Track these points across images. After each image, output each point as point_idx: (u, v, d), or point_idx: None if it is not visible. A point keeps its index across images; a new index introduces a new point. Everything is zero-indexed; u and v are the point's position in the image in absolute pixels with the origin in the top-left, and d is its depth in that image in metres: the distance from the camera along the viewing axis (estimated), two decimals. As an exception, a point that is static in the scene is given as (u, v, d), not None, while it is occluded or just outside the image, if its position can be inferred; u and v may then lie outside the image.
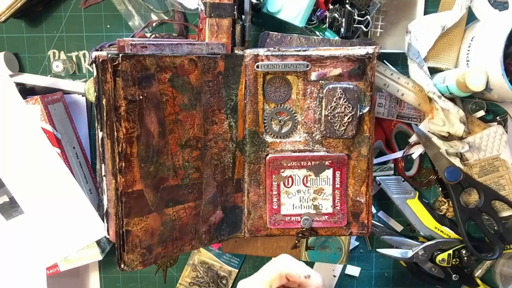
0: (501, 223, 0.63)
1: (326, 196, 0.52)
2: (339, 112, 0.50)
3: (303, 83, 0.50)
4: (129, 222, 0.46)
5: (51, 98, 0.58)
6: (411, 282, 0.69)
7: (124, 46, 0.44)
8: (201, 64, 0.48)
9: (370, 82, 0.50)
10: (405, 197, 0.64)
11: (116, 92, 0.43)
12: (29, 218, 0.56)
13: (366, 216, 0.53)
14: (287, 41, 0.53)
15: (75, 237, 0.56)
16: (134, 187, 0.46)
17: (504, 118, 0.63)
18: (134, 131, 0.45)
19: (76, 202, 0.56)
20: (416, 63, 0.57)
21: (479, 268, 0.67)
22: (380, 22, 0.60)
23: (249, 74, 0.50)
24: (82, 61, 0.62)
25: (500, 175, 0.62)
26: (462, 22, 0.57)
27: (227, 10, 0.49)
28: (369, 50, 0.49)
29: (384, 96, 0.62)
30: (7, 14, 0.57)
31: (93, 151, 0.64)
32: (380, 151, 0.64)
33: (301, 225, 0.52)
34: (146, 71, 0.45)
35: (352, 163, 0.52)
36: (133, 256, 0.46)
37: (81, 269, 0.66)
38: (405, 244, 0.65)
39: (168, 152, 0.47)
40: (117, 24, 0.61)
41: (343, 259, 0.63)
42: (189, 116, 0.48)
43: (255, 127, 0.51)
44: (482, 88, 0.51)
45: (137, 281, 0.68)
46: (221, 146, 0.51)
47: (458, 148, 0.60)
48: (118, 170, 0.45)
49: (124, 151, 0.44)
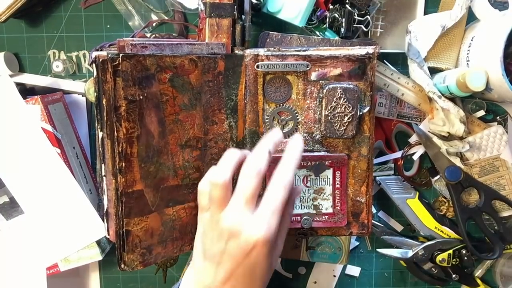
0: (501, 223, 0.63)
1: (326, 196, 0.52)
2: (339, 112, 0.50)
3: (303, 83, 0.50)
4: (129, 222, 0.46)
5: (51, 98, 0.58)
6: (411, 282, 0.69)
7: (124, 46, 0.44)
8: (201, 64, 0.48)
9: (370, 82, 0.50)
10: (405, 197, 0.64)
11: (116, 92, 0.43)
12: (29, 218, 0.56)
13: (366, 216, 0.53)
14: (287, 41, 0.53)
15: (75, 237, 0.56)
16: (134, 187, 0.46)
17: (504, 118, 0.63)
18: (134, 131, 0.45)
19: (76, 202, 0.56)
20: (416, 63, 0.57)
21: (479, 268, 0.67)
22: (380, 22, 0.60)
23: (249, 74, 0.50)
24: (82, 61, 0.62)
25: (500, 175, 0.62)
26: (462, 22, 0.57)
27: (227, 10, 0.49)
28: (369, 50, 0.49)
29: (385, 95, 0.62)
30: (7, 14, 0.57)
31: (93, 151, 0.64)
32: (380, 151, 0.64)
33: (301, 225, 0.52)
34: (146, 71, 0.45)
35: (352, 163, 0.52)
36: (133, 256, 0.46)
37: (81, 269, 0.66)
38: (405, 244, 0.65)
39: (168, 152, 0.47)
40: (117, 24, 0.61)
41: (343, 259, 0.63)
42: (189, 116, 0.48)
43: (255, 127, 0.51)
44: (482, 88, 0.51)
45: (137, 281, 0.68)
46: (221, 146, 0.51)
47: (458, 147, 0.60)
48: (118, 170, 0.45)
49: (124, 151, 0.44)
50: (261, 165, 0.41)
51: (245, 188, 0.40)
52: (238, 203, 0.40)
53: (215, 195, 0.41)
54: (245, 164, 0.41)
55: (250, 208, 0.40)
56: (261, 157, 0.41)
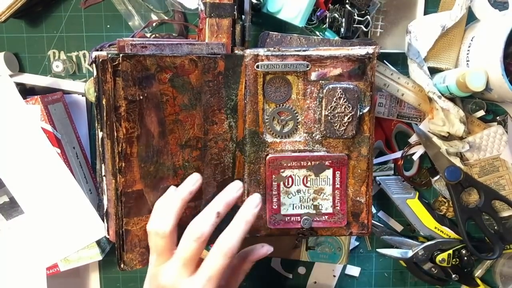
0: (501, 223, 0.63)
1: (326, 196, 0.52)
2: (339, 112, 0.50)
3: (303, 83, 0.50)
4: (129, 221, 0.46)
5: (51, 98, 0.58)
6: (411, 282, 0.69)
7: (124, 46, 0.44)
8: (201, 64, 0.48)
9: (370, 82, 0.50)
10: (405, 197, 0.64)
11: (116, 92, 0.43)
12: (29, 218, 0.56)
13: (366, 216, 0.53)
14: (287, 41, 0.53)
15: (75, 237, 0.56)
16: (134, 187, 0.46)
17: (504, 118, 0.63)
18: (134, 131, 0.45)
19: (76, 202, 0.56)
20: (416, 63, 0.57)
21: (479, 268, 0.67)
22: (380, 22, 0.60)
23: (249, 74, 0.50)
24: (82, 61, 0.62)
25: (500, 175, 0.62)
26: (462, 22, 0.57)
27: (227, 10, 0.49)
28: (369, 50, 0.49)
29: (385, 95, 0.62)
30: (7, 14, 0.57)
31: (93, 151, 0.64)
32: (380, 151, 0.64)
33: (301, 225, 0.52)
34: (146, 71, 0.45)
35: (352, 163, 0.52)
36: (133, 255, 0.46)
37: (81, 269, 0.66)
38: (405, 244, 0.65)
39: (168, 152, 0.47)
40: (117, 24, 0.61)
41: (343, 259, 0.63)
42: (189, 116, 0.48)
43: (255, 127, 0.51)
44: (482, 88, 0.51)
45: (137, 281, 0.68)
46: (221, 146, 0.51)
47: (458, 147, 0.60)
48: (118, 170, 0.45)
49: (124, 151, 0.44)
50: (204, 229, 0.41)
51: (184, 250, 0.41)
52: (176, 263, 0.41)
53: (158, 244, 0.42)
54: (189, 225, 0.42)
55: (187, 270, 0.41)
56: (206, 221, 0.41)
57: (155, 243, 0.43)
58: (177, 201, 0.44)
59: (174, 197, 0.44)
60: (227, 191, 0.44)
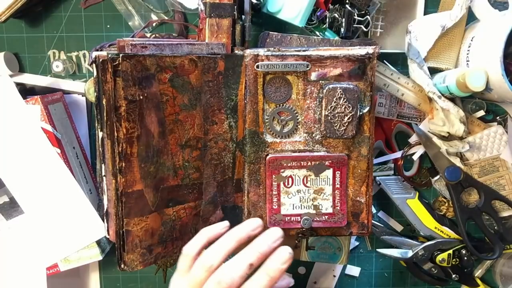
0: (501, 223, 0.63)
1: (326, 196, 0.52)
2: (339, 112, 0.50)
3: (303, 83, 0.50)
4: (129, 222, 0.46)
5: (51, 98, 0.58)
6: (411, 282, 0.69)
7: (124, 46, 0.44)
8: (201, 64, 0.48)
9: (370, 82, 0.50)
10: (405, 197, 0.64)
11: (116, 92, 0.43)
12: (29, 218, 0.56)
13: (366, 216, 0.53)
14: (287, 41, 0.53)
15: (75, 237, 0.56)
16: (134, 187, 0.46)
17: (504, 118, 0.63)
18: (134, 131, 0.45)
19: (76, 202, 0.56)
20: (416, 63, 0.57)
21: (479, 268, 0.67)
22: (380, 22, 0.60)
23: (249, 74, 0.50)
24: (82, 61, 0.62)
25: (500, 175, 0.62)
26: (462, 22, 0.57)
27: (227, 10, 0.49)
28: (369, 50, 0.49)
29: (385, 95, 0.62)
30: (7, 14, 0.57)
31: (93, 151, 0.64)
32: (380, 151, 0.64)
33: (301, 225, 0.52)
34: (146, 71, 0.45)
35: (352, 163, 0.52)
36: (133, 256, 0.46)
37: (81, 269, 0.66)
38: (405, 244, 0.65)
39: (168, 152, 0.47)
40: (117, 24, 0.61)
41: (343, 259, 0.63)
42: (189, 116, 0.48)
43: (255, 127, 0.51)
44: (482, 88, 0.51)
45: (137, 281, 0.68)
46: (221, 146, 0.51)
47: (458, 147, 0.60)
48: (118, 170, 0.45)
49: (124, 151, 0.44)
50: (214, 261, 0.42)
51: (193, 277, 0.43)
52: None
53: (180, 263, 0.45)
54: (202, 254, 0.44)
55: None
56: (217, 254, 0.43)
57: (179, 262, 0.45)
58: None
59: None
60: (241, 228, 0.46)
